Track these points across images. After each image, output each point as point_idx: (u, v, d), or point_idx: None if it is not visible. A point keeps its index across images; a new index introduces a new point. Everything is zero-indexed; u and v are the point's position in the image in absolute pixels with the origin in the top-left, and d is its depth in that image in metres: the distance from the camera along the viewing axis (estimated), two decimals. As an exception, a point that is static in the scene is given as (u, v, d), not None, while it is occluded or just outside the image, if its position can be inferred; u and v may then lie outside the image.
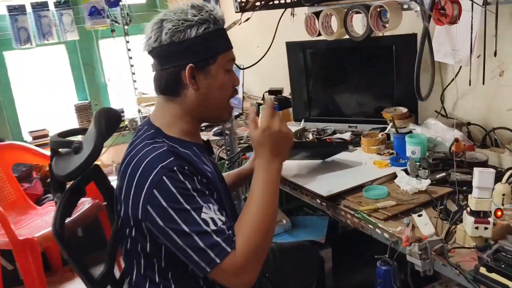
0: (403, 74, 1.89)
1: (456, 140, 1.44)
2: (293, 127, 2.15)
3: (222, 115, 1.30)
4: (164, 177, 1.06)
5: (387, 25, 1.63)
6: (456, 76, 1.76)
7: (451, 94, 1.87)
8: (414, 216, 1.28)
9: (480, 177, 1.06)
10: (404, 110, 1.88)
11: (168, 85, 1.20)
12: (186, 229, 1.04)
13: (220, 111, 1.28)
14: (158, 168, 1.07)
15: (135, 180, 1.10)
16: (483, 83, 1.44)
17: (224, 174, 1.48)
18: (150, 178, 1.07)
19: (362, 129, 2.05)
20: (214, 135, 2.35)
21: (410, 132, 1.71)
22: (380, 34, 1.78)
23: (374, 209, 1.33)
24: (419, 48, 1.30)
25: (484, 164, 1.51)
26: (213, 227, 1.04)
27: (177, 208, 1.05)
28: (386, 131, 1.85)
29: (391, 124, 1.84)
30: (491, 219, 1.08)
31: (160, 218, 1.06)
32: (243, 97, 2.86)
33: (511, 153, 1.55)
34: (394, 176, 1.55)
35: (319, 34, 1.91)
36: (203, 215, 1.05)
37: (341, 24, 1.77)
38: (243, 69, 2.14)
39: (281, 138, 1.16)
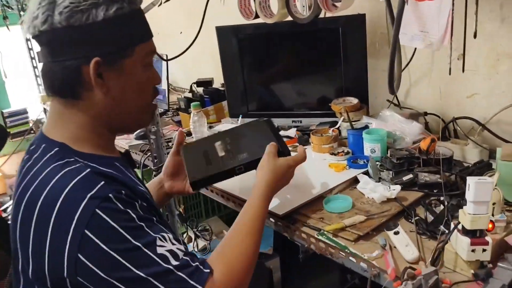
0: (351, 60, 1.68)
1: (433, 140, 1.25)
2: (230, 124, 1.86)
3: (141, 122, 1.00)
4: (97, 210, 0.77)
5: (338, 4, 1.38)
6: (410, 60, 1.58)
7: (404, 80, 1.69)
8: (390, 233, 1.07)
9: (477, 189, 0.86)
10: (354, 100, 1.67)
11: (64, 85, 0.87)
12: (141, 273, 0.77)
13: (139, 118, 0.97)
14: (86, 200, 0.78)
15: (51, 224, 0.78)
16: (463, 71, 1.25)
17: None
18: (77, 215, 0.77)
19: (307, 123, 1.82)
20: (136, 138, 1.99)
21: (366, 127, 1.51)
22: (329, 15, 1.54)
23: (341, 228, 1.10)
24: (394, 29, 1.07)
25: (449, 160, 1.35)
26: (174, 262, 0.80)
27: (123, 249, 0.77)
28: (337, 126, 1.63)
29: (342, 118, 1.63)
30: (489, 239, 0.89)
31: (100, 267, 0.76)
32: (169, 89, 2.51)
33: (475, 144, 1.40)
34: (354, 180, 1.34)
35: (256, 17, 1.63)
36: (159, 250, 0.79)
37: (282, 4, 1.50)
38: (168, 60, 1.80)
39: (284, 177, 1.09)
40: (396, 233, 1.06)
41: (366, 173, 1.36)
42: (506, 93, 1.41)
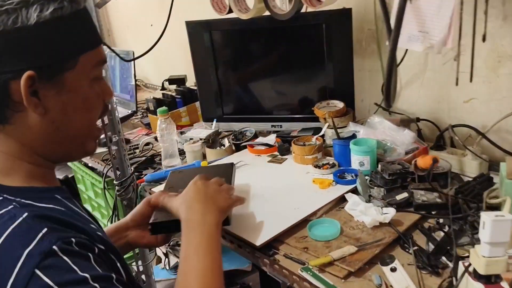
0: (336, 59, 1.52)
1: (435, 160, 1.10)
2: (203, 130, 1.68)
3: (85, 148, 0.80)
4: (37, 271, 0.59)
5: (323, -2, 1.21)
6: (401, 60, 1.43)
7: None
8: (385, 269, 0.92)
9: (494, 228, 0.71)
10: (340, 104, 1.51)
11: None
12: None
13: (82, 143, 0.78)
14: (23, 258, 0.60)
15: None
16: (471, 81, 1.10)
17: None
18: (11, 280, 0.59)
19: (288, 128, 1.66)
20: (100, 145, 1.79)
21: (354, 136, 1.35)
22: (310, 10, 1.36)
23: (329, 262, 0.94)
24: (394, 28, 0.90)
25: (446, 175, 1.21)
26: None
27: None
28: (321, 134, 1.47)
29: (327, 124, 1.47)
30: (505, 284, 0.74)
31: None
32: (136, 85, 2.31)
33: (474, 156, 1.26)
34: (341, 198, 1.18)
35: (230, 11, 1.45)
36: None
37: (259, -2, 1.33)
38: (131, 60, 1.61)
39: (211, 189, 0.95)
40: (393, 269, 0.91)
41: (355, 190, 1.21)
42: (508, 98, 1.27)
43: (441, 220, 1.07)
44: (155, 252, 1.63)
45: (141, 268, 1.58)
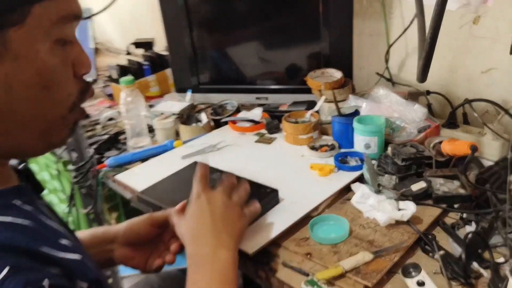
0: (333, 20, 1.30)
1: (474, 148, 0.90)
2: (176, 103, 1.45)
3: (47, 140, 0.56)
4: None
5: None
6: (410, 24, 1.22)
7: (399, 48, 1.34)
8: (411, 283, 0.74)
9: None
10: (337, 74, 1.30)
11: None
12: None
13: (43, 133, 0.55)
14: None
15: None
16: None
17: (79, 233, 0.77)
18: None
19: (275, 101, 1.44)
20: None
21: (356, 112, 1.15)
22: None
23: (340, 274, 0.76)
24: None
25: (462, 158, 1.02)
26: None
27: None
28: (316, 109, 1.26)
29: (323, 98, 1.26)
30: None
31: None
32: (96, 49, 2.01)
33: (495, 135, 1.08)
34: (345, 189, 0.99)
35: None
36: None
37: None
38: (88, 18, 1.34)
39: (220, 206, 0.74)
40: (421, 283, 0.73)
41: (360, 178, 1.02)
42: (536, 69, 1.09)
43: (464, 215, 0.90)
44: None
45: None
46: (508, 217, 0.85)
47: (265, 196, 0.90)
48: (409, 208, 0.86)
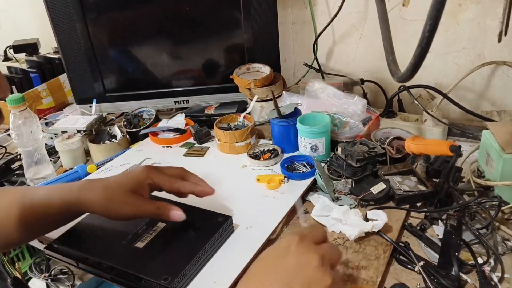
0: (255, 9, 1.16)
1: (456, 150, 0.82)
2: (79, 117, 1.21)
3: None
4: None
5: None
6: (339, 11, 1.13)
7: (326, 36, 1.25)
8: (402, 309, 0.65)
9: None
10: (265, 69, 1.18)
11: None
12: None
13: None
14: None
15: None
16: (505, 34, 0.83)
17: None
18: None
19: (197, 103, 1.29)
20: None
21: (297, 111, 1.03)
22: None
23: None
24: None
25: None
26: None
27: None
28: (248, 111, 1.13)
29: (255, 97, 1.13)
30: None
31: None
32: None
33: (435, 121, 1.06)
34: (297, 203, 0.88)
35: None
36: None
37: None
38: None
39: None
40: (412, 307, 0.65)
41: (313, 185, 0.92)
42: (468, 50, 1.08)
43: (427, 214, 0.84)
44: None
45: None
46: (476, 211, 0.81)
47: (219, 226, 0.75)
48: (380, 218, 0.78)
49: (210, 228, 0.74)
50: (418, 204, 0.86)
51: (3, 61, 1.80)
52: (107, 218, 0.69)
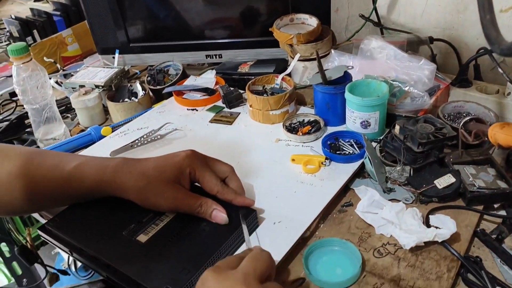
0: None
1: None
2: (99, 69, 1.08)
3: None
4: None
5: None
6: None
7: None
8: None
9: None
10: (313, 21, 0.98)
11: None
12: None
13: None
14: None
15: None
16: None
17: None
18: None
19: (231, 58, 1.12)
20: None
21: (346, 76, 0.84)
22: None
23: None
24: None
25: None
26: None
27: None
28: (288, 71, 0.95)
29: (297, 56, 0.94)
30: None
31: None
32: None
33: (521, 96, 0.84)
34: (341, 193, 0.72)
35: None
36: None
37: None
38: None
39: None
40: None
41: (360, 171, 0.75)
42: None
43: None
44: (46, 270, 1.10)
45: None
46: None
47: (239, 223, 0.60)
48: (445, 226, 0.60)
49: (228, 224, 0.60)
50: (495, 206, 0.68)
51: (35, 1, 1.69)
52: (141, 206, 0.61)
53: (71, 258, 1.26)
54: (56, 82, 1.12)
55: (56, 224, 0.65)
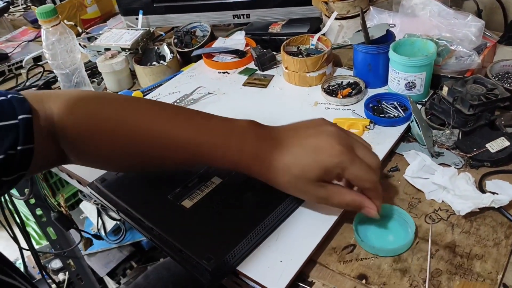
0: None
1: None
2: (123, 31, 1.04)
3: None
4: None
5: None
6: None
7: None
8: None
9: None
10: (348, -24, 0.93)
11: None
12: None
13: None
14: None
15: None
16: None
17: None
18: None
19: (260, 18, 1.07)
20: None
21: (389, 34, 0.80)
22: None
23: (423, 317, 0.49)
24: None
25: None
26: None
27: None
28: (324, 31, 0.90)
29: (334, 14, 0.89)
30: None
31: None
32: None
33: None
34: (388, 157, 0.69)
35: None
36: None
37: None
38: None
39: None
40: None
41: (406, 135, 0.72)
42: None
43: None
44: (81, 235, 1.10)
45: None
46: None
47: (285, 197, 0.58)
48: (505, 192, 0.58)
49: (275, 194, 0.58)
50: (554, 172, 0.65)
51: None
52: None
53: (100, 222, 1.27)
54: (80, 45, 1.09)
55: (104, 183, 0.64)
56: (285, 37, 0.92)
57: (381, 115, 0.74)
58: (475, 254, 0.54)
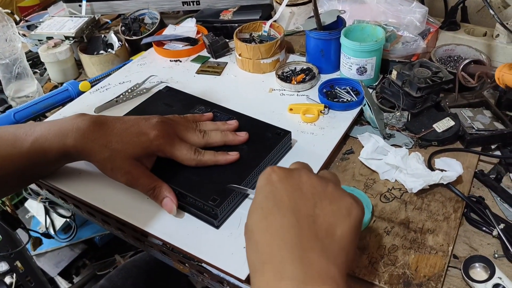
0: None
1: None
2: (66, 18, 0.99)
3: None
4: None
5: None
6: None
7: None
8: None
9: None
10: (298, -37, 0.93)
11: None
12: None
13: None
14: None
15: None
16: None
17: None
18: None
19: (210, 5, 1.05)
20: None
21: (340, 21, 0.82)
22: None
23: (382, 291, 0.51)
24: None
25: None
26: None
27: None
28: (275, 17, 0.91)
29: (286, 0, 0.90)
30: None
31: None
32: None
33: (510, 36, 0.85)
34: (342, 141, 0.71)
35: None
36: None
37: None
38: None
39: (322, 198, 0.42)
40: (497, 286, 0.52)
41: (359, 117, 0.74)
42: None
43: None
44: (29, 235, 1.04)
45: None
46: None
47: (278, 141, 0.64)
48: (452, 168, 0.62)
49: (267, 142, 0.64)
50: (492, 147, 0.70)
51: None
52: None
53: (48, 220, 1.22)
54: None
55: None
56: (236, 24, 0.92)
57: (334, 100, 0.76)
58: (428, 229, 0.57)
